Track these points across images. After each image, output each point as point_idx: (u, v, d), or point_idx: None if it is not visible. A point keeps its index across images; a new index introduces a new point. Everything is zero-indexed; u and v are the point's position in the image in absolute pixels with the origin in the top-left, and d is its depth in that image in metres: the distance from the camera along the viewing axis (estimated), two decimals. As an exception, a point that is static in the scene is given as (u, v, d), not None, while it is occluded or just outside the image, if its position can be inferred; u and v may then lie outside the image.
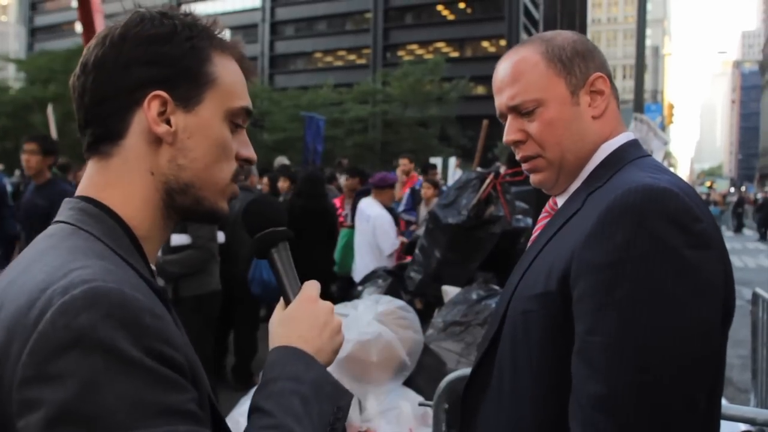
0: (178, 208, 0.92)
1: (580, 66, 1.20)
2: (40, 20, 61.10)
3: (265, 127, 31.23)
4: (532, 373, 1.11)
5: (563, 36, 1.25)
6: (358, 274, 5.72)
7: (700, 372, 0.97)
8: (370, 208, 5.78)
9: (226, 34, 0.98)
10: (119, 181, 0.89)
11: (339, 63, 49.97)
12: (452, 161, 12.31)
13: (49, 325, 0.67)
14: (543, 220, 1.31)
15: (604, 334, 0.97)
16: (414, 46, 46.84)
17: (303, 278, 1.03)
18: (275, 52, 51.76)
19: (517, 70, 1.21)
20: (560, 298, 1.06)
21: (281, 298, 1.02)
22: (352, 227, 6.23)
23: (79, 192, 0.91)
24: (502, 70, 1.25)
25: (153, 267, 0.93)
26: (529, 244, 1.30)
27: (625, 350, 0.96)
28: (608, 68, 1.25)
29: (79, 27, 7.92)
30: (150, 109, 0.87)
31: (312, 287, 1.01)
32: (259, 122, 29.51)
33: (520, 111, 1.21)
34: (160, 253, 4.17)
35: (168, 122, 0.88)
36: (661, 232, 0.97)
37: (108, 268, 0.75)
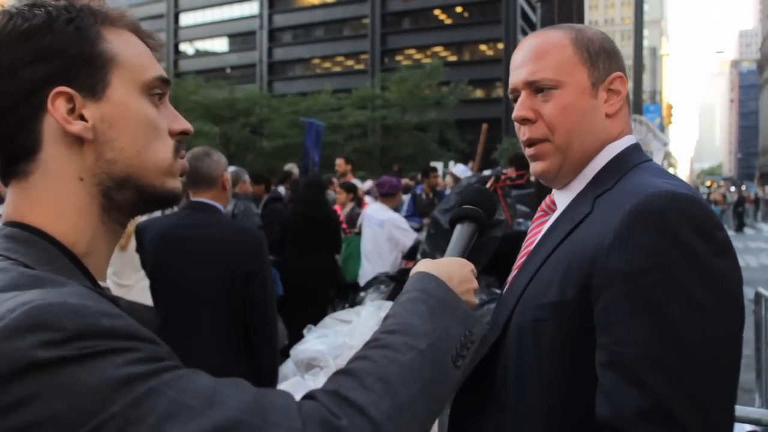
0: (123, 206, 0.84)
1: (605, 62, 1.19)
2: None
3: (264, 134, 31.25)
4: (541, 384, 1.07)
5: (593, 30, 1.24)
6: (365, 280, 5.69)
7: (733, 379, 0.97)
8: (380, 212, 5.76)
9: (106, 5, 0.88)
10: (45, 198, 0.80)
11: (337, 69, 50.08)
12: (459, 167, 12.26)
13: None
14: (539, 219, 1.29)
15: (639, 344, 0.94)
16: (412, 51, 46.94)
17: (307, 284, 1.03)
18: (273, 59, 51.86)
19: (543, 49, 1.19)
20: (578, 308, 1.02)
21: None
22: (357, 234, 6.23)
23: (3, 219, 0.81)
24: (528, 45, 1.22)
25: (103, 284, 0.84)
26: (527, 245, 1.27)
27: (664, 359, 0.93)
28: (626, 72, 1.25)
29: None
30: (56, 109, 0.78)
31: (469, 263, 1.10)
32: (258, 129, 29.52)
33: (537, 88, 1.18)
34: None
35: (82, 118, 0.79)
36: (686, 239, 0.95)
37: (47, 291, 0.67)
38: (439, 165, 12.35)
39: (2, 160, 0.81)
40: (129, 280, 4.22)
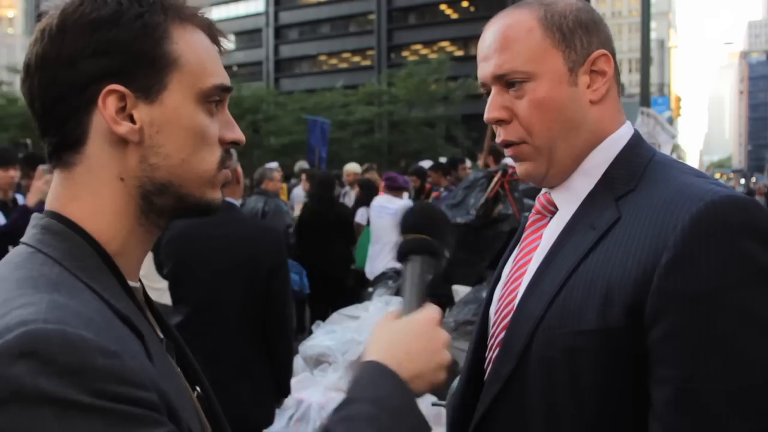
0: (162, 210, 0.82)
1: (582, 40, 1.03)
2: (47, 31, 61.49)
3: (261, 132, 31.27)
4: (582, 424, 0.93)
5: (565, 2, 1.06)
6: (375, 271, 5.72)
7: None
8: (390, 202, 5.87)
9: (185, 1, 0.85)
10: (85, 193, 0.78)
11: (344, 65, 50.00)
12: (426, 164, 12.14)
13: None
14: (536, 222, 1.14)
15: (714, 379, 0.83)
16: (418, 47, 46.78)
17: (321, 276, 1.01)
18: (280, 56, 51.84)
19: (508, 36, 1.03)
20: (626, 336, 0.89)
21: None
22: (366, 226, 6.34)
23: (46, 206, 0.81)
24: (491, 34, 1.06)
25: (135, 283, 0.82)
26: (524, 253, 1.12)
27: (743, 395, 0.83)
28: (613, 45, 1.08)
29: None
30: (106, 107, 0.76)
31: (436, 310, 0.91)
32: (257, 127, 29.54)
33: (507, 82, 1.03)
34: None
35: (131, 119, 0.77)
36: (753, 252, 0.85)
37: (56, 303, 0.65)
38: (442, 161, 12.32)
39: (49, 145, 0.80)
40: (160, 283, 4.24)
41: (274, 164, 7.54)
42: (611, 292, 0.90)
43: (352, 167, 9.54)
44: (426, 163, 9.16)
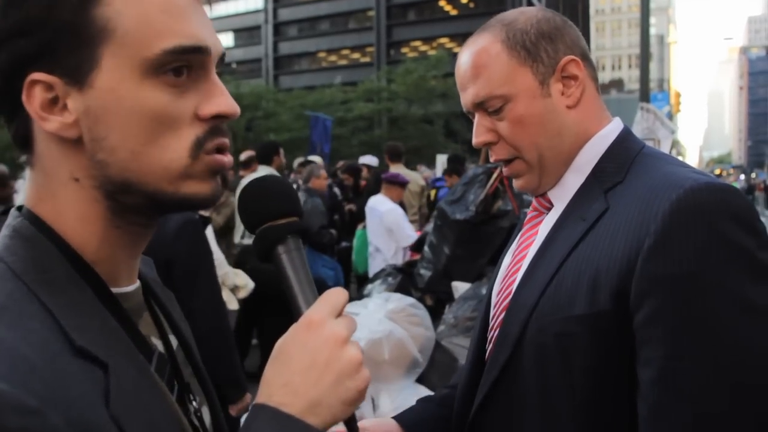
0: (139, 209, 0.69)
1: (547, 50, 1.06)
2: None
3: (271, 128, 31.31)
4: (574, 405, 0.96)
5: (526, 16, 1.10)
6: (374, 271, 5.73)
7: None
8: (380, 204, 5.82)
9: None
10: (47, 195, 0.68)
11: (343, 62, 49.94)
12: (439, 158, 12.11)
13: None
14: (533, 219, 1.18)
15: (696, 358, 0.86)
16: (417, 43, 46.75)
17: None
18: (279, 53, 51.78)
19: (478, 63, 1.08)
20: (614, 319, 0.92)
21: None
22: (365, 228, 6.31)
23: (26, 198, 0.71)
24: (463, 63, 1.11)
25: (126, 288, 0.73)
26: (522, 248, 1.16)
27: (724, 373, 0.85)
28: (582, 46, 1.11)
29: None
30: (31, 101, 0.63)
31: (325, 302, 0.69)
32: (249, 125, 29.54)
33: (487, 110, 1.08)
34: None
35: (65, 109, 0.64)
36: (733, 235, 0.88)
37: None
38: (443, 157, 12.31)
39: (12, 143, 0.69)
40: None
41: (317, 158, 7.54)
42: (599, 278, 0.94)
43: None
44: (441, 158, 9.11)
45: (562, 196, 1.11)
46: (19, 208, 0.70)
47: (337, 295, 0.70)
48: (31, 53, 0.62)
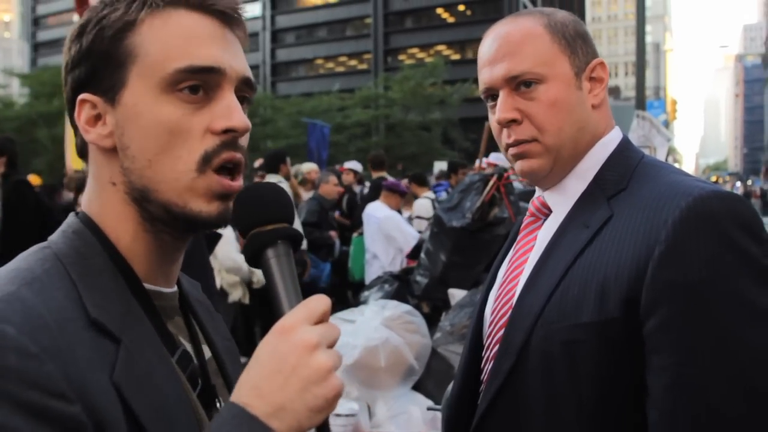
0: (163, 221, 0.77)
1: (582, 48, 1.10)
2: (43, 35, 61.50)
3: (268, 134, 31.31)
4: (580, 413, 0.96)
5: (562, 13, 1.13)
6: (370, 279, 5.72)
7: None
8: (378, 210, 5.82)
9: None
10: (95, 195, 0.81)
11: (340, 69, 50.03)
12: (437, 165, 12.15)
13: None
14: (531, 224, 1.18)
15: (709, 365, 0.87)
16: (415, 50, 46.86)
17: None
18: (276, 60, 51.85)
19: (519, 40, 1.07)
20: (623, 326, 0.93)
21: None
22: (361, 235, 6.27)
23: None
24: (498, 37, 1.10)
25: (164, 289, 0.81)
26: (519, 254, 1.15)
27: (737, 379, 0.86)
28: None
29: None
30: (80, 117, 0.78)
31: (303, 308, 0.69)
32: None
33: (520, 84, 1.07)
34: None
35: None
36: (741, 243, 0.90)
37: (15, 296, 0.65)
38: (442, 164, 12.32)
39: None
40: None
41: (311, 166, 7.54)
42: (607, 286, 0.94)
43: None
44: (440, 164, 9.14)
45: (561, 201, 1.11)
46: (76, 213, 0.82)
47: (317, 301, 0.70)
48: (83, 78, 0.76)
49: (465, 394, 1.18)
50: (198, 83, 0.74)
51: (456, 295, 4.22)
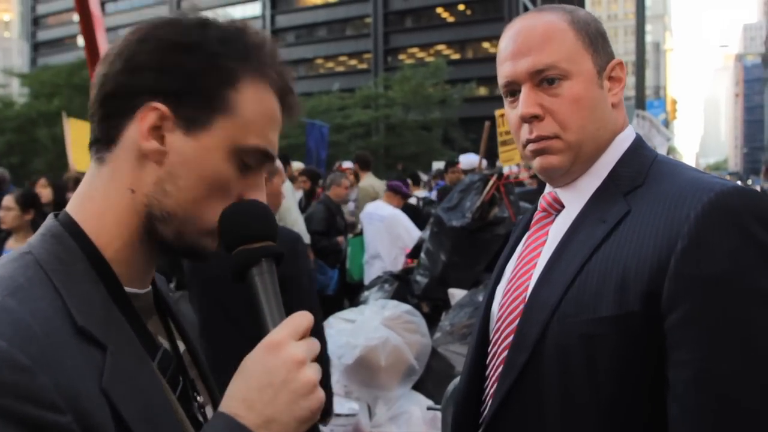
0: (162, 240, 0.80)
1: (604, 47, 1.10)
2: (43, 35, 61.48)
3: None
4: (598, 407, 0.96)
5: (584, 11, 1.13)
6: (369, 279, 5.70)
7: None
8: (381, 209, 5.81)
9: (279, 58, 0.84)
10: (99, 193, 0.80)
11: (340, 68, 50.04)
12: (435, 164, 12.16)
13: None
14: (542, 219, 1.17)
15: (733, 360, 0.87)
16: (415, 50, 46.86)
17: None
18: (276, 59, 51.84)
19: (544, 34, 1.06)
20: (643, 320, 0.93)
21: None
22: (358, 235, 6.25)
23: (71, 199, 0.83)
24: (523, 30, 1.09)
25: (140, 290, 0.82)
26: (530, 249, 1.15)
27: (761, 374, 0.87)
28: None
29: (81, 41, 7.97)
30: (144, 120, 0.77)
31: (289, 325, 0.74)
32: None
33: (544, 79, 1.06)
34: None
35: (163, 140, 0.78)
36: (763, 239, 0.90)
37: (4, 307, 0.66)
38: (440, 164, 12.33)
39: (92, 133, 0.82)
40: None
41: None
42: (627, 279, 0.94)
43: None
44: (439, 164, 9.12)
45: (575, 197, 1.11)
46: (56, 214, 0.81)
47: (301, 318, 0.75)
48: (165, 90, 0.77)
49: (473, 390, 1.18)
50: (257, 163, 0.82)
51: (456, 294, 4.22)
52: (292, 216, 4.97)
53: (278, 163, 2.49)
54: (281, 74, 0.83)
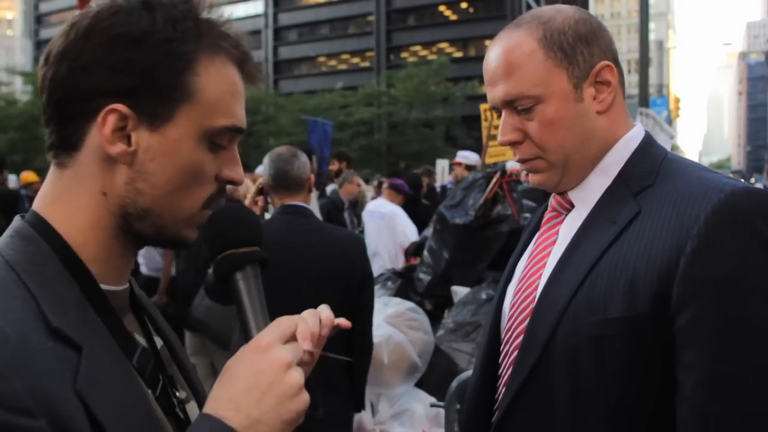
0: (136, 234, 0.79)
1: (584, 53, 1.06)
2: (46, 33, 61.53)
3: (270, 132, 31.34)
4: (607, 408, 0.96)
5: (564, 15, 1.08)
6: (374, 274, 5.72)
7: None
8: (382, 207, 5.86)
9: (230, 27, 0.81)
10: (67, 197, 0.77)
11: (343, 66, 50.03)
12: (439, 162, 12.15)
13: None
14: (552, 219, 1.17)
15: (742, 361, 0.87)
16: (417, 48, 46.82)
17: None
18: (279, 57, 51.86)
19: (511, 61, 1.06)
20: (652, 321, 0.93)
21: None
22: (360, 233, 6.28)
23: (35, 200, 0.81)
24: (494, 59, 1.09)
25: (116, 287, 0.80)
26: (541, 248, 1.15)
27: (766, 374, 0.87)
28: (614, 50, 1.10)
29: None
30: (105, 124, 0.73)
31: (275, 328, 0.75)
32: (250, 130, 29.84)
33: (517, 108, 1.07)
34: None
35: (129, 139, 0.75)
36: None
37: None
38: (444, 162, 12.31)
39: (48, 139, 0.78)
40: None
41: None
42: (636, 281, 0.94)
43: None
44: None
45: (585, 198, 1.10)
46: (22, 216, 0.79)
47: (287, 322, 0.76)
48: (122, 89, 0.73)
49: (485, 388, 1.18)
50: (229, 139, 0.81)
51: (459, 292, 4.22)
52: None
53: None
54: (236, 43, 0.80)
